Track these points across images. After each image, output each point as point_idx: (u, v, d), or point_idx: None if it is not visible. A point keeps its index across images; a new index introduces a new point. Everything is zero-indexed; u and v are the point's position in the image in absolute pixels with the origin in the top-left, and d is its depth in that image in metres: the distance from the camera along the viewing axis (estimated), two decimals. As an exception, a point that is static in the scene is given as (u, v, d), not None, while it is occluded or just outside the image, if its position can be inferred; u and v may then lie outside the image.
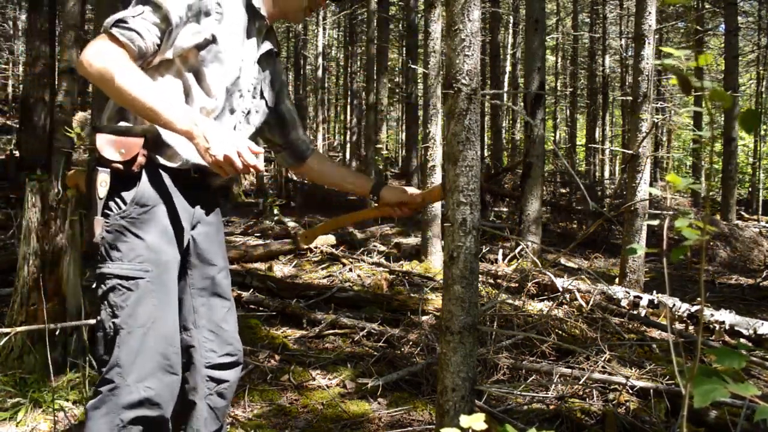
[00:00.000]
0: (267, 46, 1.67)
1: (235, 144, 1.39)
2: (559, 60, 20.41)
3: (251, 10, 1.59)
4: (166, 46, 1.46)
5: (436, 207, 5.83)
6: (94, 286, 1.48)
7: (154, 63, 1.48)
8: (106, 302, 1.46)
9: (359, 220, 1.88)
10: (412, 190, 1.89)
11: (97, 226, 1.45)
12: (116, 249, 1.46)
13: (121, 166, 1.45)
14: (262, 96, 1.70)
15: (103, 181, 1.45)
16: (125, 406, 1.41)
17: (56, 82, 9.74)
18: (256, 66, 1.65)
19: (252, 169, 1.42)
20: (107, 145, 1.46)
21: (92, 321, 2.69)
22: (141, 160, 1.47)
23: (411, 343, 3.43)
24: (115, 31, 1.39)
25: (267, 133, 1.84)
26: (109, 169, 1.45)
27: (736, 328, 3.94)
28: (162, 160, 1.51)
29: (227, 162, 1.38)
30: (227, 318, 1.71)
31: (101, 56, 1.37)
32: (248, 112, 1.66)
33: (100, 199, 1.45)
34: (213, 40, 1.50)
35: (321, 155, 1.97)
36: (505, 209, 10.35)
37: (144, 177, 1.48)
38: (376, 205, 1.92)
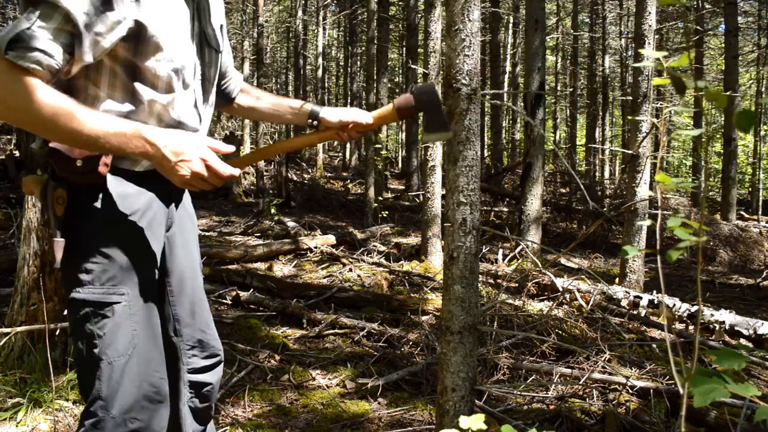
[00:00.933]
0: None
1: (201, 154, 1.23)
2: (559, 60, 20.43)
3: None
4: (81, 51, 1.18)
5: (436, 207, 5.83)
6: (65, 312, 1.33)
7: (73, 72, 1.22)
8: (81, 331, 1.31)
9: (297, 148, 1.66)
10: (359, 111, 1.61)
11: (57, 249, 1.27)
12: (85, 271, 1.29)
13: (80, 179, 1.27)
14: (209, 45, 1.45)
15: (60, 197, 1.27)
16: None
17: (56, 82, 9.75)
18: (196, 19, 1.40)
19: (227, 179, 1.27)
20: (63, 156, 1.27)
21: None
22: (102, 169, 1.28)
23: (411, 343, 3.43)
24: (12, 56, 1.11)
25: None
26: (65, 183, 1.28)
27: (736, 328, 3.94)
28: (126, 165, 1.33)
29: (196, 178, 1.24)
30: (207, 320, 1.61)
31: (8, 93, 1.12)
32: (203, 75, 1.44)
33: (57, 217, 1.27)
34: (139, 27, 1.22)
35: (249, 87, 1.73)
36: (505, 209, 10.34)
37: (109, 188, 1.31)
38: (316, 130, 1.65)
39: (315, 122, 1.61)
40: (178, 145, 1.22)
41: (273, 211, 8.37)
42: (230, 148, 1.31)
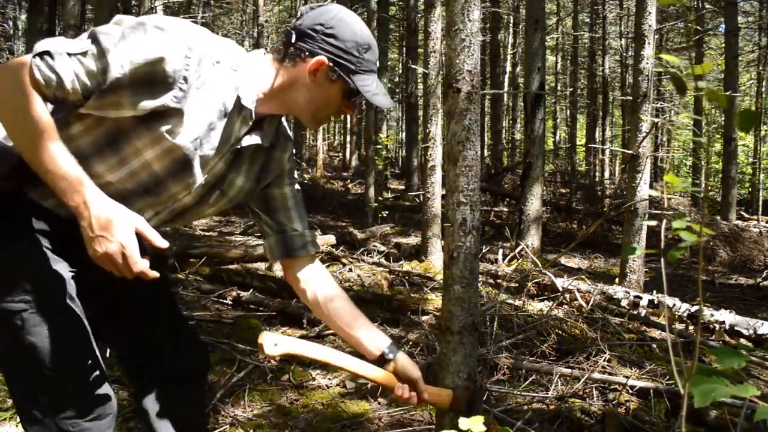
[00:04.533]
0: (251, 140, 1.35)
1: (123, 239, 1.16)
2: (559, 60, 20.41)
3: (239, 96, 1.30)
4: (95, 103, 1.18)
5: (436, 207, 5.83)
6: None
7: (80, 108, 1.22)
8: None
9: (354, 374, 1.50)
10: (420, 375, 1.54)
11: None
12: None
13: None
14: (222, 189, 1.40)
15: None
16: None
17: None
18: (222, 162, 1.35)
19: (137, 275, 1.20)
20: None
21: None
22: (14, 180, 1.24)
23: (411, 343, 3.43)
24: (34, 62, 1.13)
25: (254, 206, 1.55)
26: None
27: (736, 328, 3.94)
28: (32, 195, 1.27)
29: (107, 260, 1.18)
30: (184, 332, 1.57)
31: (8, 83, 1.15)
32: (188, 205, 1.39)
33: None
34: (161, 113, 1.21)
35: (328, 274, 1.57)
36: (505, 209, 10.35)
37: (18, 200, 1.28)
38: (382, 368, 1.51)
39: (389, 356, 1.50)
40: (106, 220, 1.16)
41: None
42: (164, 244, 1.21)
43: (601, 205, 10.28)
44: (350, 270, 5.51)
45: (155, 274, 1.22)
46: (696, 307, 4.19)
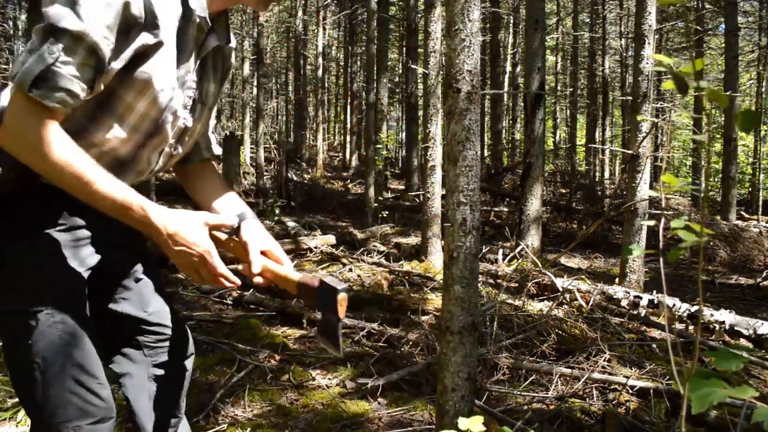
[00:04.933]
0: (210, 43, 1.36)
1: (205, 252, 1.21)
2: (559, 60, 20.43)
3: (186, 8, 1.27)
4: (99, 84, 1.16)
5: (436, 207, 5.83)
6: None
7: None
8: (7, 341, 1.26)
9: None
10: (277, 252, 1.47)
11: None
12: (5, 282, 1.24)
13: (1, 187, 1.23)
14: (203, 101, 1.40)
15: None
16: None
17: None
18: (194, 74, 1.34)
19: (217, 284, 1.24)
20: None
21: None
22: (18, 181, 1.23)
23: (411, 343, 3.43)
24: (37, 94, 1.07)
25: None
26: None
27: (736, 328, 3.94)
28: (43, 179, 1.23)
29: (191, 271, 1.23)
30: (165, 315, 1.56)
31: (29, 129, 1.10)
32: (186, 127, 1.38)
33: None
34: (140, 55, 1.19)
35: (212, 167, 1.59)
36: (505, 209, 10.35)
37: (26, 200, 1.26)
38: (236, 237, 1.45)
39: (234, 225, 1.44)
40: (184, 234, 1.20)
41: (276, 212, 8.38)
42: (234, 222, 1.29)
43: (601, 205, 10.28)
44: (350, 270, 5.51)
45: (237, 280, 1.27)
46: (696, 307, 4.19)
